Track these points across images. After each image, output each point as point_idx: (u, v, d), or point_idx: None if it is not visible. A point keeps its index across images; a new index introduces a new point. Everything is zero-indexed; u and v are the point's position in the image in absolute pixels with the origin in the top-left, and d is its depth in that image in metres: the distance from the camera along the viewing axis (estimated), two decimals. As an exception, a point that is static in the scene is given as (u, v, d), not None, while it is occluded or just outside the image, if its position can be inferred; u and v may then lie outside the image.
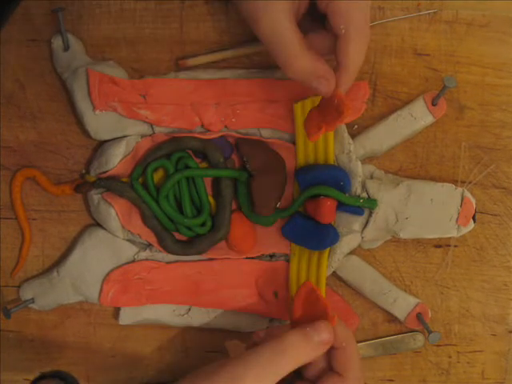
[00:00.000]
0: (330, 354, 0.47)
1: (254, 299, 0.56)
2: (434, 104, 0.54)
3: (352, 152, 0.53)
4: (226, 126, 0.54)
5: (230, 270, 0.56)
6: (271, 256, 0.56)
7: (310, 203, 0.53)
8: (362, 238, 0.54)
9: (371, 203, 0.52)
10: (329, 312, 0.46)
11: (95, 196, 0.55)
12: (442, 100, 0.54)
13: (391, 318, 0.57)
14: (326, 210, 0.52)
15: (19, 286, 0.57)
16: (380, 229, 0.53)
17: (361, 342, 0.57)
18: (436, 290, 0.57)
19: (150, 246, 0.56)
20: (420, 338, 0.57)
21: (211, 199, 0.55)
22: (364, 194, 0.53)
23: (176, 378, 0.58)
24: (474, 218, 0.53)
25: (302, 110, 0.53)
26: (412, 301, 0.56)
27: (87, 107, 0.54)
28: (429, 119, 0.55)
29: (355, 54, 0.46)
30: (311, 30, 0.49)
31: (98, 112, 0.54)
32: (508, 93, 0.55)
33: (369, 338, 0.57)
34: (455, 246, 0.56)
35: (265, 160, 0.53)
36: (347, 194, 0.53)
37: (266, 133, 0.55)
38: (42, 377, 0.49)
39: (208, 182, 0.56)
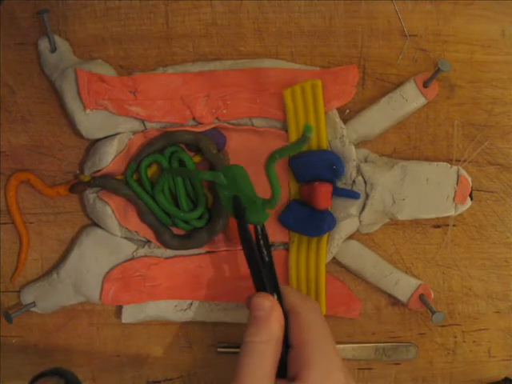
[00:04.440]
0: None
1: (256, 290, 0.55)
2: (425, 86, 0.54)
3: (345, 136, 0.53)
4: (217, 118, 0.54)
5: (229, 262, 0.55)
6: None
7: (306, 190, 0.53)
8: (360, 221, 0.54)
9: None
10: None
11: (91, 195, 0.55)
12: (433, 81, 0.54)
13: (394, 301, 0.57)
14: (322, 196, 0.52)
15: (19, 291, 0.57)
16: (377, 211, 0.53)
17: (355, 343, 0.57)
18: (437, 271, 0.56)
19: (148, 242, 0.56)
20: (413, 350, 0.57)
21: (207, 192, 0.55)
22: (359, 178, 0.53)
23: (182, 374, 0.58)
24: (470, 195, 0.53)
25: (291, 96, 0.53)
26: (414, 282, 0.55)
27: (77, 107, 0.54)
28: (421, 101, 0.54)
29: None
30: None
31: (88, 111, 0.54)
32: (497, 69, 0.55)
33: (372, 325, 0.57)
34: (454, 226, 0.56)
35: None
36: (342, 178, 0.53)
37: (257, 122, 0.55)
38: (42, 375, 0.48)
39: (203, 174, 0.55)
